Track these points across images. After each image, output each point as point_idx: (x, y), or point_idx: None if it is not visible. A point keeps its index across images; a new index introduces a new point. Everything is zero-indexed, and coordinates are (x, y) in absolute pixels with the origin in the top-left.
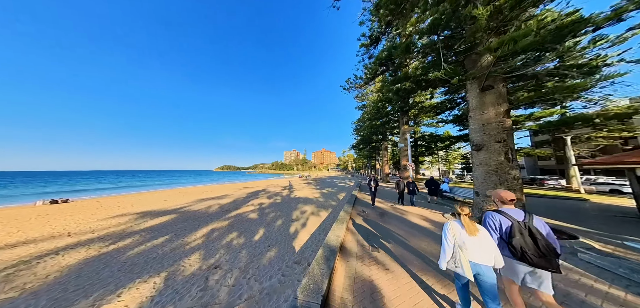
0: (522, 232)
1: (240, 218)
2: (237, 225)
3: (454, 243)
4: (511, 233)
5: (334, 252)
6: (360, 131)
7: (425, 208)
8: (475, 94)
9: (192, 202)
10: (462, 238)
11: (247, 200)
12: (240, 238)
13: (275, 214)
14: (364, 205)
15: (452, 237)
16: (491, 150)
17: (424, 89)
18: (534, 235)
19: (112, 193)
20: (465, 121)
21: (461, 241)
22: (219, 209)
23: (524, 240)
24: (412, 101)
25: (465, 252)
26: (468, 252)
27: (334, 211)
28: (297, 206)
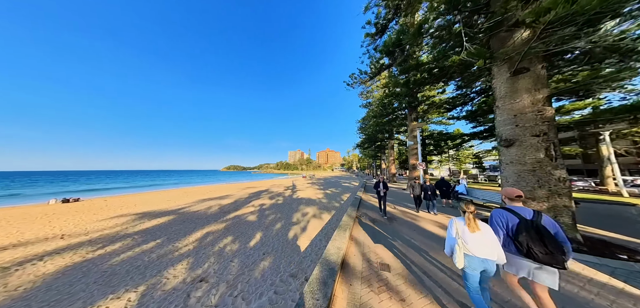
0: (528, 230)
1: (239, 220)
2: (234, 228)
3: (455, 239)
4: (518, 230)
5: (333, 272)
6: (365, 130)
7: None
8: (503, 79)
9: (193, 202)
10: (464, 234)
11: (248, 201)
12: (235, 243)
13: (274, 216)
14: (369, 209)
15: (455, 231)
16: (526, 145)
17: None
18: (542, 233)
19: (122, 193)
20: (479, 117)
21: (463, 237)
22: (218, 210)
23: (531, 237)
24: (421, 96)
25: (464, 246)
26: (469, 247)
27: (337, 213)
28: (298, 208)
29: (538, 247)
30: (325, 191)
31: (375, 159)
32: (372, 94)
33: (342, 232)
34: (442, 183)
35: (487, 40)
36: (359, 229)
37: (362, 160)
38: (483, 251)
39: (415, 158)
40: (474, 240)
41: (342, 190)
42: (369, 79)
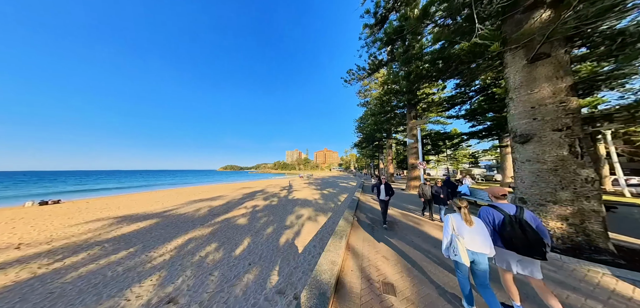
0: (513, 224)
1: (227, 224)
2: (221, 233)
3: (453, 234)
4: (503, 225)
5: (324, 297)
6: (363, 129)
7: None
8: (519, 67)
9: (182, 203)
10: (460, 229)
11: (241, 202)
12: (218, 251)
13: (267, 219)
14: (368, 211)
15: (451, 228)
16: (546, 141)
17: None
18: (524, 227)
19: (110, 194)
20: (478, 116)
21: (459, 232)
22: (207, 212)
23: (514, 232)
24: (421, 93)
25: (462, 241)
26: (465, 242)
27: (334, 215)
28: (293, 209)
29: (520, 240)
30: (322, 191)
31: (373, 159)
32: (370, 92)
33: (338, 240)
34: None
35: (500, 24)
36: (357, 236)
37: (360, 160)
38: (475, 245)
39: (415, 157)
40: (469, 234)
41: (339, 190)
42: (367, 75)
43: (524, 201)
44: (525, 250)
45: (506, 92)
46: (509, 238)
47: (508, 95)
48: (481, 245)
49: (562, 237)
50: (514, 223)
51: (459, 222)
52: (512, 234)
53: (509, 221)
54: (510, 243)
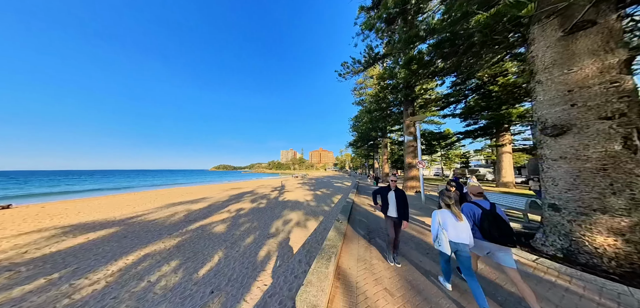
0: (488, 218)
1: (201, 233)
2: (189, 245)
3: (438, 228)
4: (481, 218)
5: None
6: (358, 128)
7: None
8: (552, 41)
9: (157, 207)
10: (444, 224)
11: (225, 205)
12: (177, 273)
13: (249, 226)
14: (363, 217)
15: (438, 222)
16: (590, 132)
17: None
18: (497, 220)
19: (84, 196)
20: (475, 114)
21: (444, 226)
22: (182, 218)
23: (490, 223)
24: (419, 88)
25: (446, 234)
26: (449, 234)
27: (326, 220)
28: (281, 213)
29: (495, 231)
30: (315, 192)
31: (367, 158)
32: (365, 90)
33: (324, 264)
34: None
35: None
36: (350, 254)
37: (355, 160)
38: (459, 235)
39: (412, 156)
40: (453, 227)
41: (333, 191)
42: (362, 69)
43: (556, 208)
44: (501, 239)
45: (531, 76)
46: (487, 230)
47: (533, 79)
48: (463, 236)
49: (614, 257)
50: (489, 216)
51: (444, 216)
52: (489, 226)
53: (486, 215)
54: (488, 234)
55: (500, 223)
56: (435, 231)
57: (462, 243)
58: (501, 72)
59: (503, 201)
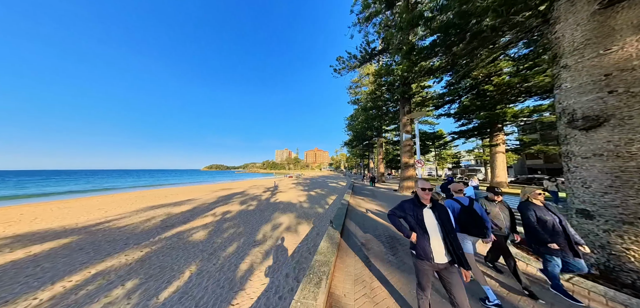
0: (466, 213)
1: (176, 241)
2: (157, 258)
3: None
4: (460, 213)
5: None
6: (353, 127)
7: None
8: (583, 17)
9: (133, 211)
10: None
11: (211, 208)
12: (130, 298)
13: (234, 232)
14: (358, 223)
15: None
16: (635, 124)
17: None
18: (473, 215)
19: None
20: (468, 114)
21: None
22: (158, 224)
23: (467, 219)
24: (416, 86)
25: None
26: None
27: (319, 224)
28: (271, 217)
29: (471, 224)
30: (309, 193)
31: (363, 158)
32: (361, 89)
33: (312, 292)
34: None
35: None
36: (345, 274)
37: (350, 160)
38: None
39: (409, 155)
40: None
41: (328, 191)
42: (358, 64)
43: (588, 215)
44: (474, 231)
45: (554, 61)
46: (464, 223)
47: (557, 64)
48: None
49: None
50: (467, 211)
51: None
52: (466, 220)
53: (464, 210)
54: (465, 227)
55: (476, 218)
56: None
57: None
58: (496, 71)
59: (512, 203)
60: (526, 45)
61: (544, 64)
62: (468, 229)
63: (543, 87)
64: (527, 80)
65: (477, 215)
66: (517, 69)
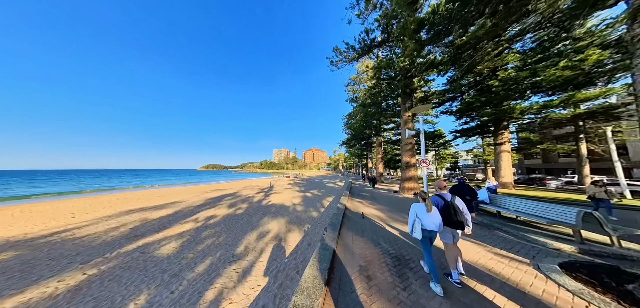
0: (448, 207)
1: (138, 256)
2: (105, 281)
3: (414, 218)
4: (443, 208)
5: None
6: (351, 126)
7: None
8: None
9: (104, 216)
10: (421, 215)
11: (195, 212)
12: None
13: (212, 243)
14: (357, 232)
15: (414, 213)
16: None
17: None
18: (455, 209)
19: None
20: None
21: (419, 217)
22: (126, 232)
23: (449, 212)
24: (418, 81)
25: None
26: (425, 223)
27: (312, 231)
28: (259, 222)
29: (453, 218)
30: (305, 194)
31: (361, 158)
32: (359, 86)
33: None
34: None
35: None
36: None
37: (348, 160)
38: (431, 225)
39: (411, 154)
40: (426, 218)
41: (325, 192)
42: (357, 56)
43: None
44: (455, 224)
45: (631, 39)
46: (446, 217)
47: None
48: (434, 225)
49: None
50: (449, 206)
51: (420, 210)
52: (448, 214)
53: (446, 205)
54: (447, 220)
55: (457, 213)
56: (411, 221)
57: (432, 231)
58: (502, 65)
59: (540, 211)
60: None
61: (554, 58)
62: (449, 222)
63: (553, 82)
64: (536, 74)
65: (458, 210)
66: (524, 62)
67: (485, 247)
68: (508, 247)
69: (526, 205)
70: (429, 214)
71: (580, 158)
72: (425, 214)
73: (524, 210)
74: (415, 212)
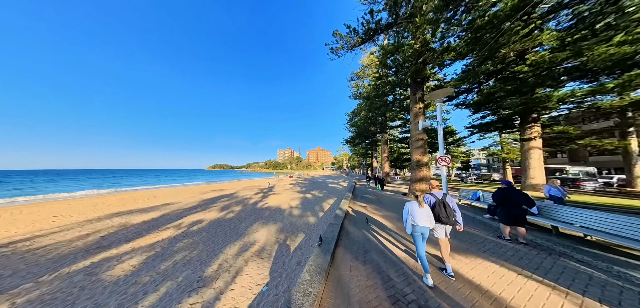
0: (439, 205)
1: (81, 279)
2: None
3: (407, 216)
4: (434, 205)
5: None
6: (355, 123)
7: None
8: None
9: (83, 221)
10: (412, 212)
11: (182, 215)
12: None
13: (181, 258)
14: (360, 248)
15: (407, 211)
16: None
17: None
18: (446, 207)
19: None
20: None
21: (412, 214)
22: (93, 242)
23: (440, 210)
24: (432, 68)
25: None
26: (416, 221)
27: (307, 242)
28: (247, 230)
29: (443, 215)
30: (304, 195)
31: (365, 157)
32: (363, 80)
33: None
34: (516, 195)
35: None
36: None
37: (352, 159)
38: (424, 222)
39: (422, 152)
40: (419, 215)
41: (327, 193)
42: (360, 42)
43: None
44: (445, 220)
45: None
46: (436, 214)
47: None
48: (426, 222)
49: None
50: (440, 203)
51: (412, 207)
52: (439, 211)
53: (437, 203)
54: (438, 217)
55: (447, 210)
56: (405, 217)
57: (424, 227)
58: (533, 46)
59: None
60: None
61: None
62: (440, 218)
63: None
64: (581, 54)
65: (449, 208)
66: (562, 42)
67: (554, 289)
68: (597, 292)
69: (600, 219)
70: (420, 211)
71: (629, 156)
72: (417, 211)
73: (598, 226)
74: (409, 209)
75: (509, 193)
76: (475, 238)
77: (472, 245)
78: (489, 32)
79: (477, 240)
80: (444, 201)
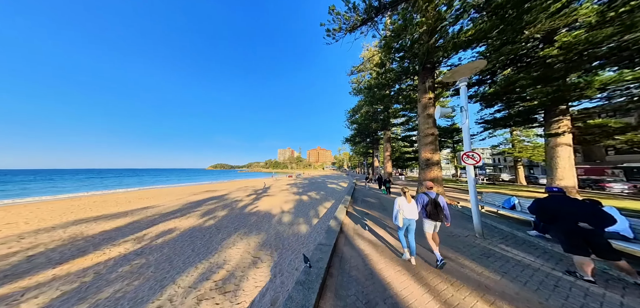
0: (431, 204)
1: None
2: None
3: (398, 209)
4: (427, 204)
5: None
6: (356, 121)
7: None
8: None
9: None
10: (402, 206)
11: (151, 224)
12: None
13: (111, 295)
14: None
15: (398, 205)
16: None
17: None
18: (437, 205)
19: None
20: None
21: (402, 208)
22: (11, 265)
23: (432, 208)
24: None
25: (403, 213)
26: (405, 213)
27: (290, 263)
28: (220, 246)
29: (435, 212)
30: (301, 197)
31: (366, 156)
32: (364, 76)
33: None
34: (579, 208)
35: None
36: None
37: (353, 159)
38: (411, 214)
39: (432, 149)
40: (407, 208)
41: (325, 195)
42: (360, 23)
43: None
44: (436, 217)
45: None
46: (429, 212)
47: None
48: (413, 214)
49: None
50: (433, 202)
51: (402, 201)
52: (431, 210)
53: (430, 201)
54: (430, 215)
55: (439, 208)
56: (395, 211)
57: (411, 219)
58: (566, 24)
59: None
60: None
61: None
62: (431, 216)
63: None
64: (629, 30)
65: (439, 206)
66: (603, 17)
67: None
68: None
69: None
70: (408, 205)
71: None
72: (405, 205)
73: None
74: (398, 204)
75: (568, 205)
76: (522, 270)
77: (523, 289)
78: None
79: (526, 275)
80: (436, 200)
